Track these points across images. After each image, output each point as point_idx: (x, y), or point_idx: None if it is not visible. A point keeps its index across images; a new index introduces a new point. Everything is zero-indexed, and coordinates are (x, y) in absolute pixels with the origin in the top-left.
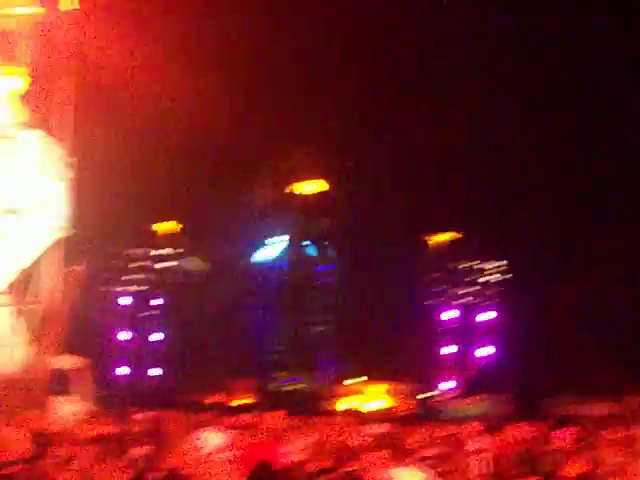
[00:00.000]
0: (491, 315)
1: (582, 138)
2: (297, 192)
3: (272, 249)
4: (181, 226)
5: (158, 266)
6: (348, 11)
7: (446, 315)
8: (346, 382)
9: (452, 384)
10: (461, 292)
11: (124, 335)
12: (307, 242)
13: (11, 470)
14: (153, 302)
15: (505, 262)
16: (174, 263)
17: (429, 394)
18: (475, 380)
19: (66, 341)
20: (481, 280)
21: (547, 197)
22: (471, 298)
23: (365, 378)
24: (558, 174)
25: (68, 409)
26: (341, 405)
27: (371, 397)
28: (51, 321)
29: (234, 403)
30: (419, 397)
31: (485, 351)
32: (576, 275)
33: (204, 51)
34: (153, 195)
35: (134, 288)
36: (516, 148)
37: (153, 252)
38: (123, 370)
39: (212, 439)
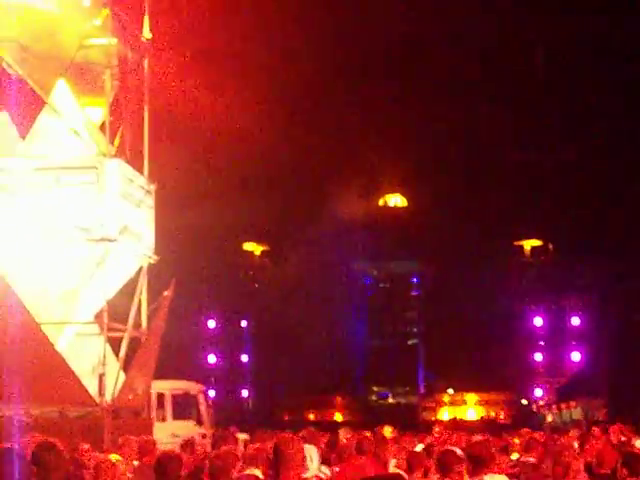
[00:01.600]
0: (581, 319)
1: None
2: (383, 205)
3: (358, 264)
4: (265, 247)
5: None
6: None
7: (536, 321)
8: (438, 394)
9: (546, 391)
10: (551, 297)
11: (213, 358)
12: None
13: None
14: (242, 323)
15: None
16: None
17: (524, 402)
18: (569, 385)
19: (158, 367)
20: (570, 285)
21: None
22: (561, 303)
23: (452, 391)
24: None
25: (185, 432)
26: (436, 416)
27: (465, 408)
28: (142, 348)
29: (331, 419)
30: (513, 405)
31: (577, 355)
32: None
33: (278, 72)
34: (238, 218)
35: (222, 310)
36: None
37: (240, 274)
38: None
39: (314, 456)
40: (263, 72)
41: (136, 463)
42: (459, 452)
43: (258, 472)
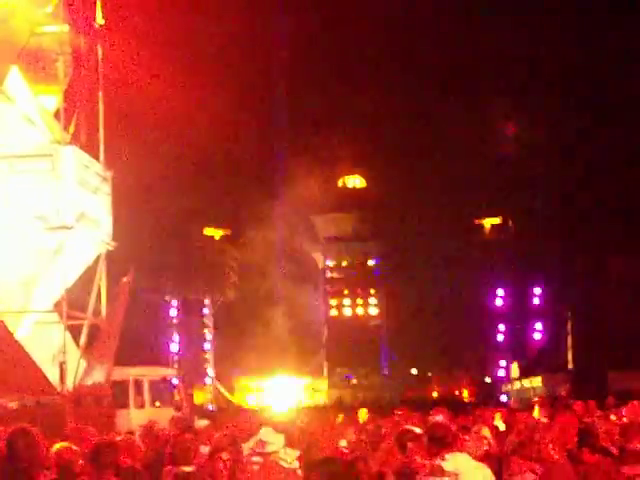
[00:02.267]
0: (543, 296)
1: None
2: (343, 186)
3: (319, 245)
4: (225, 232)
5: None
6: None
7: (497, 298)
8: (402, 374)
9: (510, 367)
10: (512, 275)
11: (175, 345)
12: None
13: None
14: (204, 309)
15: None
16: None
17: (487, 380)
18: (532, 361)
19: (120, 354)
20: (531, 262)
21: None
22: (522, 281)
23: (415, 371)
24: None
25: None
26: (400, 397)
27: (429, 387)
28: (101, 335)
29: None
30: (477, 383)
31: (539, 332)
32: (629, 249)
33: (233, 57)
34: (197, 203)
35: (183, 296)
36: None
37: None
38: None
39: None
40: (218, 57)
41: None
42: (418, 431)
43: (225, 455)
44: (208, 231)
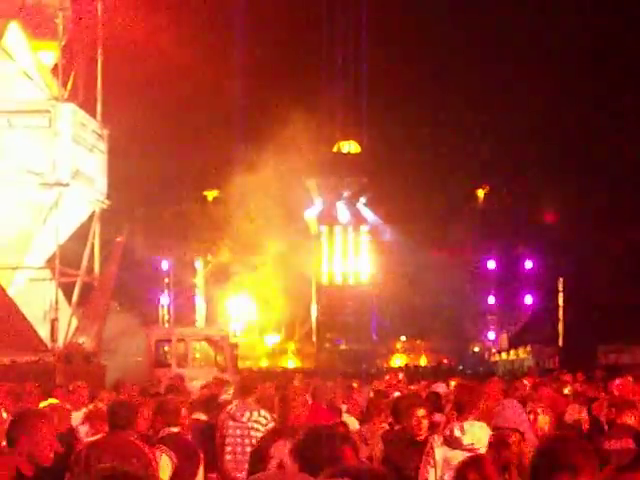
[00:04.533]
0: (535, 265)
1: None
2: (337, 151)
3: (318, 207)
4: (219, 193)
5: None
6: None
7: (489, 266)
8: (391, 341)
9: (498, 337)
10: (504, 243)
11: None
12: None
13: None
14: (196, 271)
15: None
16: None
17: (476, 349)
18: (522, 331)
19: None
20: (524, 229)
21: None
22: (515, 248)
23: (404, 338)
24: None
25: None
26: (391, 364)
27: (418, 355)
28: (94, 293)
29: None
30: (466, 352)
31: (530, 301)
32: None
33: (237, 17)
34: (193, 163)
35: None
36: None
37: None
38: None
39: None
40: (222, 15)
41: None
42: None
43: (203, 416)
44: (203, 191)
